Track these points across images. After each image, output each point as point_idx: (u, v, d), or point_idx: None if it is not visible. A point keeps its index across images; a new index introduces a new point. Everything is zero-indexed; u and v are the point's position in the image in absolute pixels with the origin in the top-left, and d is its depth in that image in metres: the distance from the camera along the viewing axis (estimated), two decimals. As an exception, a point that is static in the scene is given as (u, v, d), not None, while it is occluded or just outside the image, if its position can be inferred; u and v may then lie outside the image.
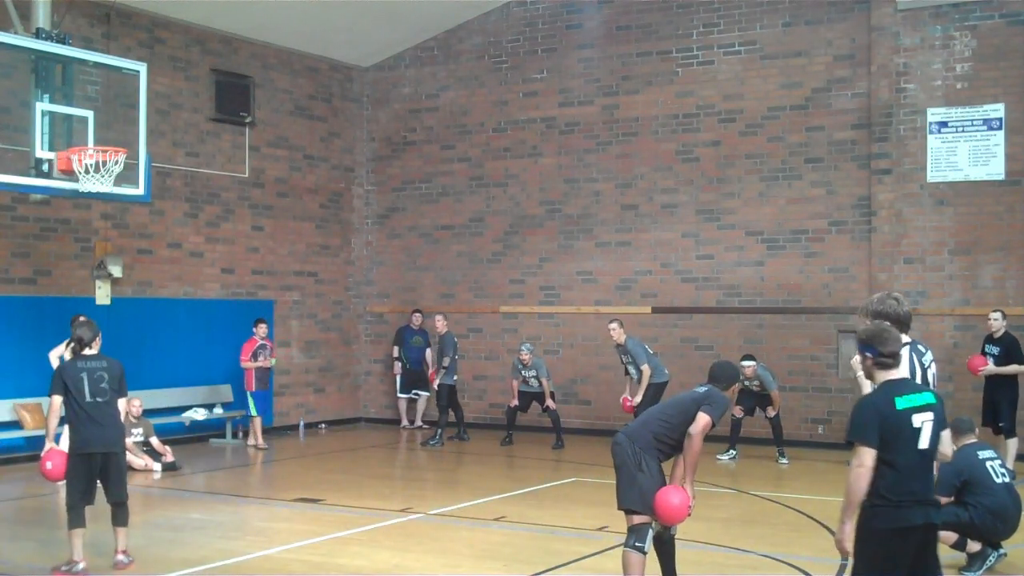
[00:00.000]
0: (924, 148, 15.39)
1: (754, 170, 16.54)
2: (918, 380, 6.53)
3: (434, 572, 8.67)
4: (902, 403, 5.56)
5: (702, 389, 7.43)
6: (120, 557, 8.69)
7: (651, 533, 7.21)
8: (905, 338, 6.79)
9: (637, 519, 7.20)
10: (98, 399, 8.63)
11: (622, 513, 7.33)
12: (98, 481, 8.71)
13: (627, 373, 15.25)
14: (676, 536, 7.56)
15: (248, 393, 15.85)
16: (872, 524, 5.53)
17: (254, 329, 15.89)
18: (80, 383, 8.59)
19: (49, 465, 8.77)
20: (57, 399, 8.64)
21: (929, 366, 6.75)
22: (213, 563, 8.89)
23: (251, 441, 15.94)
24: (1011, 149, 14.96)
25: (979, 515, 8.51)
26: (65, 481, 8.72)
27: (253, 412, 15.87)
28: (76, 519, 8.57)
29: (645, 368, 14.74)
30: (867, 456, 5.51)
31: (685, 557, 8.31)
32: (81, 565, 8.50)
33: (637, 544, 7.17)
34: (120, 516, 8.76)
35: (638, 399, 14.74)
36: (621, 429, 7.66)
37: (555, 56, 18.07)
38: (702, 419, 7.16)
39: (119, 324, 14.94)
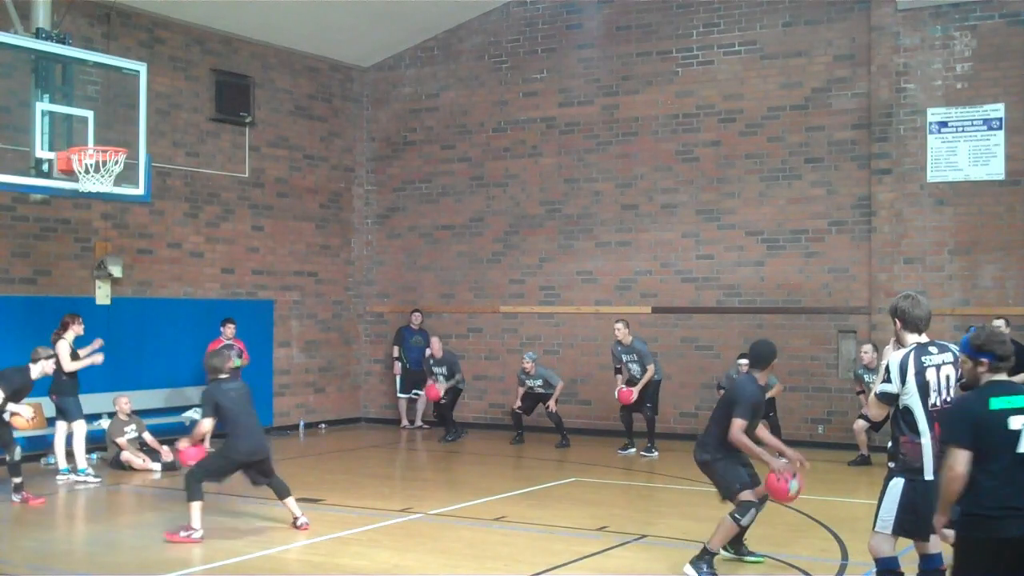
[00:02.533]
0: (924, 148, 15.38)
1: (754, 170, 16.54)
2: (900, 385, 6.46)
3: (434, 572, 8.68)
4: (997, 403, 5.37)
5: (735, 379, 8.21)
6: (303, 519, 9.99)
7: (754, 511, 8.13)
8: (915, 339, 6.77)
9: (742, 495, 8.16)
10: (243, 414, 9.96)
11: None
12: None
13: (617, 372, 15.51)
14: (677, 536, 7.60)
15: None
16: (968, 534, 5.40)
17: (221, 329, 15.63)
18: (232, 402, 9.92)
19: (192, 453, 10.24)
20: (209, 422, 9.98)
21: (941, 367, 6.62)
22: (213, 563, 8.91)
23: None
24: (1011, 149, 14.94)
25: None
26: (201, 464, 9.98)
27: None
28: (197, 493, 9.67)
29: (651, 368, 15.17)
30: (959, 459, 5.34)
31: (686, 557, 8.33)
32: (199, 532, 9.53)
33: (736, 515, 8.13)
34: (282, 489, 10.12)
35: (637, 389, 15.14)
36: (695, 448, 8.60)
37: (555, 56, 18.06)
38: (733, 425, 8.04)
39: (119, 324, 14.94)
